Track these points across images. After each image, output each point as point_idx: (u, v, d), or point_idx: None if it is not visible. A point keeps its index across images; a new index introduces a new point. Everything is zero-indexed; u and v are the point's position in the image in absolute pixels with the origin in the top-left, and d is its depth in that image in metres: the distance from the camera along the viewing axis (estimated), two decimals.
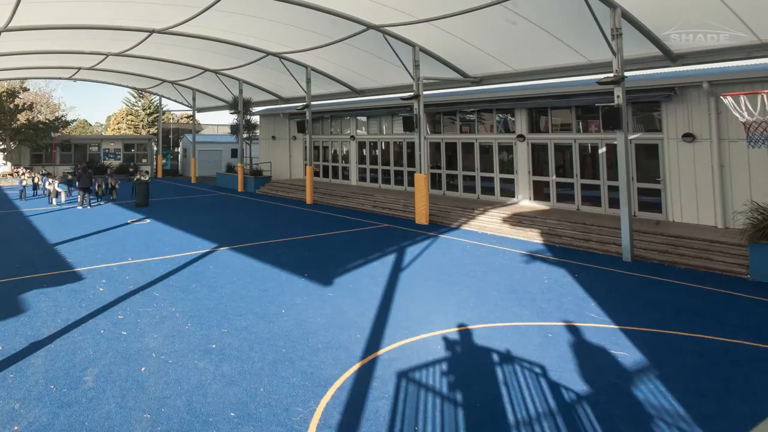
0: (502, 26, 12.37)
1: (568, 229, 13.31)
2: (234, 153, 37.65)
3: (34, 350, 6.14)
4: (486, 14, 11.61)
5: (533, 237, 13.43)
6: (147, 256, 11.36)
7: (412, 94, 16.00)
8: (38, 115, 42.67)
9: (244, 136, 28.22)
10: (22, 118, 35.14)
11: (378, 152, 23.42)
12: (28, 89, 45.14)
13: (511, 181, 17.59)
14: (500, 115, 18.28)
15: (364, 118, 24.21)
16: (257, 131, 30.83)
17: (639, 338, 6.54)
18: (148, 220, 16.55)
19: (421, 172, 15.72)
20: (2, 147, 33.29)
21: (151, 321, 7.23)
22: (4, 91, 33.25)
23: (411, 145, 20.98)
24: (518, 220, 14.64)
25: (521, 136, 17.11)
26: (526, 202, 16.97)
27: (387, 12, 13.02)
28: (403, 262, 10.82)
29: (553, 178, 16.28)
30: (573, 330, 6.88)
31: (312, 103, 21.94)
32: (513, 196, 17.47)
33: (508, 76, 15.84)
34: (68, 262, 10.84)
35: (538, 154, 16.87)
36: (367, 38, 15.26)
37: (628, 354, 6.05)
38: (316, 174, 26.26)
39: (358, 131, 24.48)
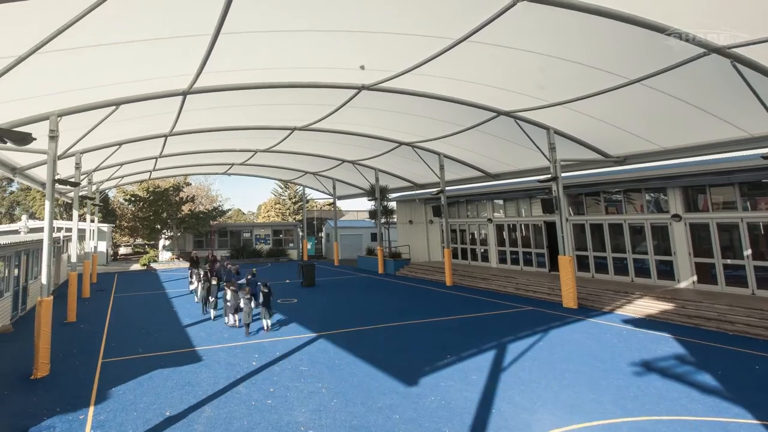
0: (643, 104, 12.21)
1: (743, 316, 11.93)
2: (373, 237, 40.27)
3: (195, 418, 7.05)
4: (623, 94, 11.61)
5: (700, 323, 12.24)
6: (296, 333, 12.50)
7: (549, 176, 16.06)
8: (199, 206, 49.12)
9: (382, 220, 30.02)
10: (185, 208, 40.45)
11: (518, 234, 23.43)
12: (191, 184, 53.12)
13: (669, 263, 16.38)
14: (650, 194, 17.45)
15: (500, 201, 24.64)
16: (394, 216, 32.47)
17: None
18: (295, 300, 18.25)
19: (565, 255, 15.44)
20: (170, 234, 38.44)
21: (299, 395, 7.87)
22: (171, 186, 39.22)
23: (552, 227, 20.73)
24: (681, 304, 13.48)
25: (677, 216, 16.08)
26: (687, 285, 15.57)
27: (517, 98, 13.42)
28: (553, 346, 10.59)
29: (719, 260, 14.85)
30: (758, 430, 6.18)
31: (446, 188, 22.90)
32: (672, 279, 16.17)
33: (655, 154, 15.25)
34: (225, 336, 12.35)
35: (699, 234, 15.62)
36: (498, 124, 15.63)
37: None
38: (455, 256, 26.88)
39: (496, 214, 24.88)
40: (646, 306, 14.09)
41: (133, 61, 9.05)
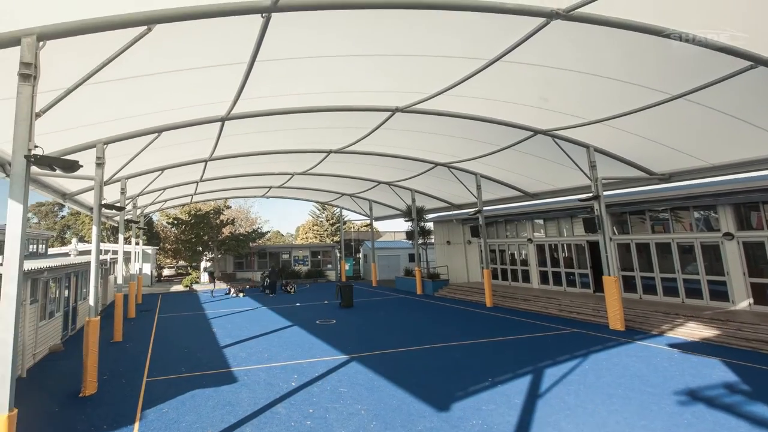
0: (687, 119, 11.80)
1: None
2: (411, 257, 40.13)
3: None
4: (666, 109, 11.25)
5: (759, 347, 11.51)
6: (335, 354, 12.49)
7: (590, 195, 15.67)
8: (239, 228, 50.32)
9: (420, 241, 29.94)
10: (226, 231, 41.63)
11: (559, 254, 22.85)
12: (231, 207, 54.38)
13: (722, 283, 15.57)
14: (699, 212, 16.74)
15: (540, 221, 24.17)
16: (432, 236, 32.23)
17: None
18: (333, 321, 18.29)
19: (609, 275, 14.92)
20: (211, 256, 39.52)
21: (338, 417, 7.82)
22: (211, 209, 40.35)
23: (596, 246, 20.13)
24: (737, 327, 12.74)
25: (729, 234, 15.34)
26: (743, 307, 14.73)
27: (554, 116, 13.23)
28: (599, 370, 10.17)
29: None
30: None
31: (484, 208, 22.60)
32: (726, 300, 15.35)
33: (703, 171, 14.64)
34: (264, 357, 12.48)
35: (754, 253, 14.83)
36: (535, 143, 15.39)
37: None
38: (495, 277, 26.43)
39: (536, 234, 24.39)
40: (698, 328, 13.39)
41: (173, 90, 9.47)
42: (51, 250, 35.32)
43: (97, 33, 5.97)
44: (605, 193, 16.00)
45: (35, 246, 26.63)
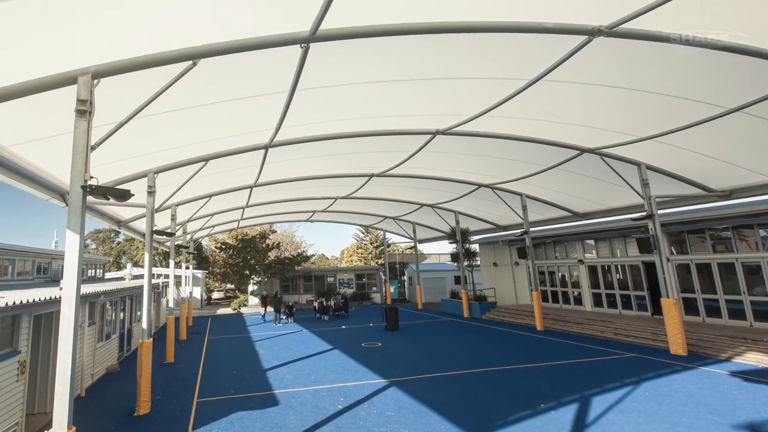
0: (747, 133, 11.14)
1: None
2: (457, 280, 39.59)
3: None
4: (722, 124, 10.65)
5: None
6: (381, 377, 12.35)
7: (644, 214, 15.02)
8: (285, 252, 51.11)
9: (465, 263, 29.48)
10: (272, 255, 42.31)
11: (613, 276, 21.92)
12: (276, 231, 55.73)
13: None
14: (765, 230, 15.70)
15: (591, 241, 23.35)
16: (477, 258, 31.71)
17: None
18: (379, 343, 18.18)
19: (668, 297, 14.14)
20: (258, 279, 40.45)
21: None
22: (257, 234, 41.50)
23: (652, 267, 19.21)
24: None
25: None
26: None
27: (600, 134, 12.88)
28: (660, 397, 9.56)
29: None
30: None
31: (531, 229, 22.12)
32: None
33: (767, 187, 13.80)
34: (311, 379, 12.51)
35: None
36: (582, 162, 14.99)
37: None
38: (545, 299, 25.64)
39: (587, 255, 23.55)
40: None
41: (217, 120, 9.85)
42: (108, 275, 37.20)
43: (146, 69, 6.34)
44: (660, 211, 15.30)
45: (93, 271, 28.12)
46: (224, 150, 12.10)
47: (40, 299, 8.81)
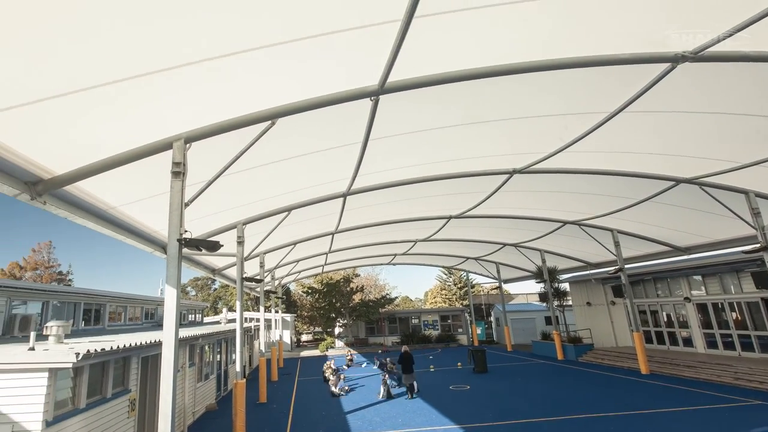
0: None
1: None
2: (548, 320, 37.59)
3: None
4: None
5: None
6: (469, 422, 11.91)
7: (758, 246, 13.49)
8: (369, 295, 51.97)
9: (555, 303, 28.07)
10: (356, 298, 43.15)
11: (728, 314, 19.75)
12: (360, 275, 56.87)
13: None
14: None
15: (698, 277, 21.32)
16: (568, 298, 30.03)
17: None
18: (467, 386, 17.62)
19: None
20: (344, 322, 41.17)
21: None
22: (342, 278, 42.51)
23: None
24: None
25: None
26: None
27: (696, 163, 11.98)
28: None
29: None
30: None
31: (626, 265, 20.76)
32: None
33: None
34: (398, 421, 12.37)
35: None
36: (678, 193, 14.02)
37: None
38: (648, 340, 23.55)
39: (694, 291, 21.48)
40: None
41: (297, 172, 10.44)
42: (206, 319, 39.64)
43: (230, 132, 6.95)
44: None
45: (193, 315, 30.09)
46: (305, 200, 12.75)
47: (143, 342, 9.66)
